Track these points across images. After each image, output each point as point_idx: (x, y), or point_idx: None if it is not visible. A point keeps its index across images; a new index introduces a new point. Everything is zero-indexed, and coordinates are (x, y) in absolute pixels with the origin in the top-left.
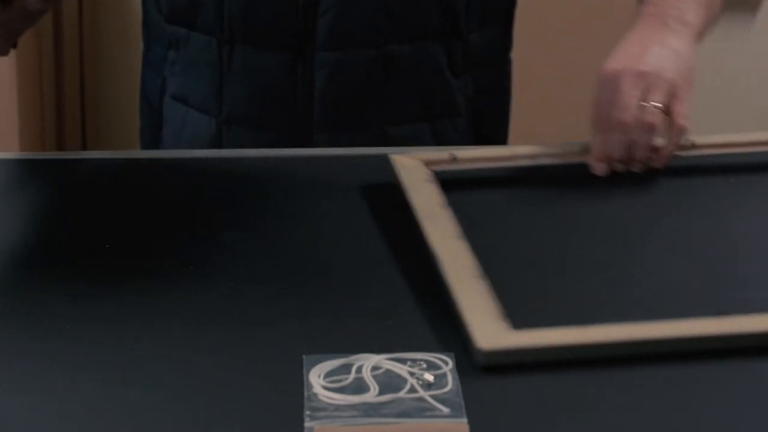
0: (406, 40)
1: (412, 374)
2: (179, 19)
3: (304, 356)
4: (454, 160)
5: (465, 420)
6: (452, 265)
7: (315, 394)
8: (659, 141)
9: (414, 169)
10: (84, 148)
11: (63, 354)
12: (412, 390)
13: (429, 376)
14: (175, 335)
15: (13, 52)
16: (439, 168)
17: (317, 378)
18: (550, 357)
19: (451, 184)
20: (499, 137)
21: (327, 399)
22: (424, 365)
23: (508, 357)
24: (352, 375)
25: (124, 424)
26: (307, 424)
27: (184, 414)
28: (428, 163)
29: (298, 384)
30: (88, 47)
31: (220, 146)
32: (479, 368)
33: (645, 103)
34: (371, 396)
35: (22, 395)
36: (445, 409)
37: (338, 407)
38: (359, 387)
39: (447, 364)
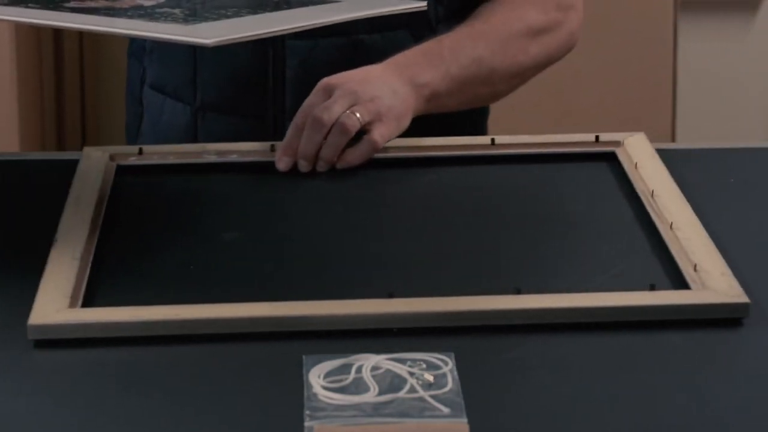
0: (376, 29)
1: (412, 374)
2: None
3: (304, 356)
4: (140, 153)
5: (465, 420)
6: (61, 247)
7: (315, 394)
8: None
9: (96, 160)
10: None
11: (61, 354)
12: (412, 390)
13: (429, 376)
14: (174, 335)
15: (13, 52)
16: (124, 161)
17: (317, 378)
18: (99, 334)
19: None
20: (476, 125)
21: (327, 399)
22: (424, 365)
23: (54, 332)
24: (352, 375)
25: (123, 425)
26: (307, 424)
27: (184, 414)
28: (115, 156)
29: (298, 384)
30: (88, 47)
31: (194, 134)
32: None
33: (348, 111)
34: (371, 396)
35: (22, 396)
36: (445, 409)
37: (338, 407)
38: (359, 387)
39: (447, 364)
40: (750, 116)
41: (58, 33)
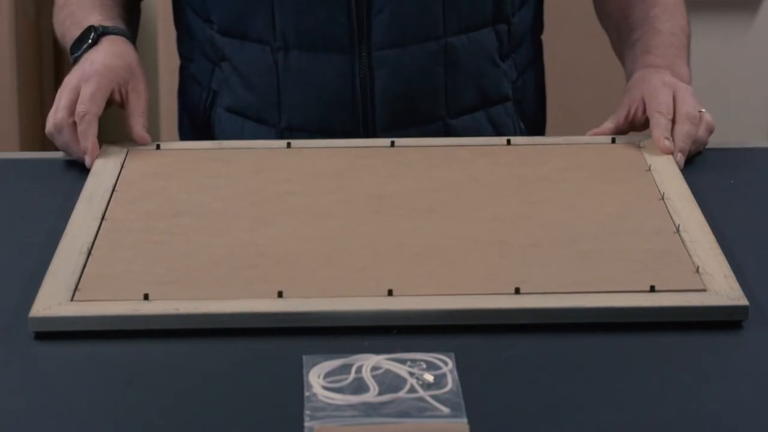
0: (463, 31)
1: (412, 374)
2: (231, 31)
3: (304, 356)
4: (158, 149)
5: (465, 420)
6: (68, 242)
7: (315, 394)
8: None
9: (114, 155)
10: None
11: (61, 347)
12: (412, 390)
13: (429, 376)
14: (175, 335)
15: (13, 52)
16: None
17: (317, 378)
18: (99, 327)
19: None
20: (539, 118)
21: (327, 399)
22: (424, 365)
23: (55, 325)
24: (352, 375)
25: (124, 425)
26: (307, 424)
27: (184, 414)
28: (133, 152)
29: (298, 384)
30: None
31: None
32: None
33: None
34: (371, 396)
35: (22, 395)
36: (445, 409)
37: (338, 407)
38: (359, 387)
39: (447, 364)
40: (750, 116)
41: None
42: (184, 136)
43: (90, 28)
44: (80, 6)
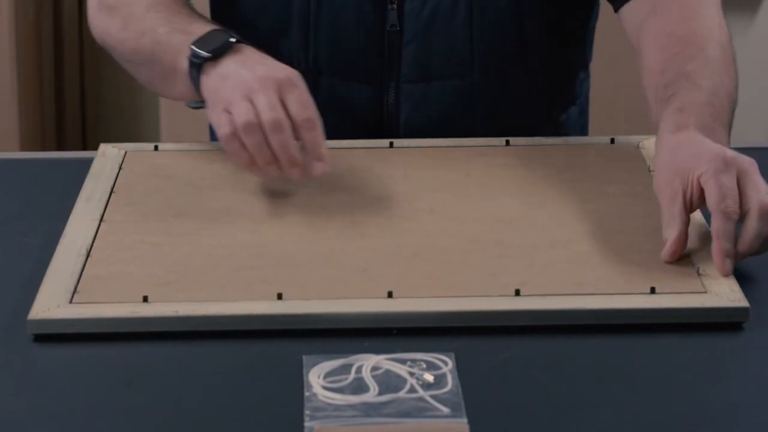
0: (488, 69)
1: (411, 374)
2: (260, 48)
3: (304, 356)
4: (156, 150)
5: (465, 420)
6: (66, 244)
7: (315, 394)
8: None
9: (111, 157)
10: (84, 148)
11: (60, 349)
12: (412, 390)
13: (429, 376)
14: (174, 337)
15: (13, 52)
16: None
17: (317, 378)
18: (98, 329)
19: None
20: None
21: (327, 399)
22: (424, 365)
23: (54, 327)
24: (352, 375)
25: (124, 425)
26: (307, 424)
27: (184, 415)
28: (131, 153)
29: (298, 384)
30: (87, 47)
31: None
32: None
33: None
34: (371, 396)
35: (21, 397)
36: (445, 409)
37: (338, 407)
38: (359, 387)
39: (447, 364)
40: (750, 116)
41: (58, 33)
42: (214, 139)
43: (223, 30)
44: (171, 12)
